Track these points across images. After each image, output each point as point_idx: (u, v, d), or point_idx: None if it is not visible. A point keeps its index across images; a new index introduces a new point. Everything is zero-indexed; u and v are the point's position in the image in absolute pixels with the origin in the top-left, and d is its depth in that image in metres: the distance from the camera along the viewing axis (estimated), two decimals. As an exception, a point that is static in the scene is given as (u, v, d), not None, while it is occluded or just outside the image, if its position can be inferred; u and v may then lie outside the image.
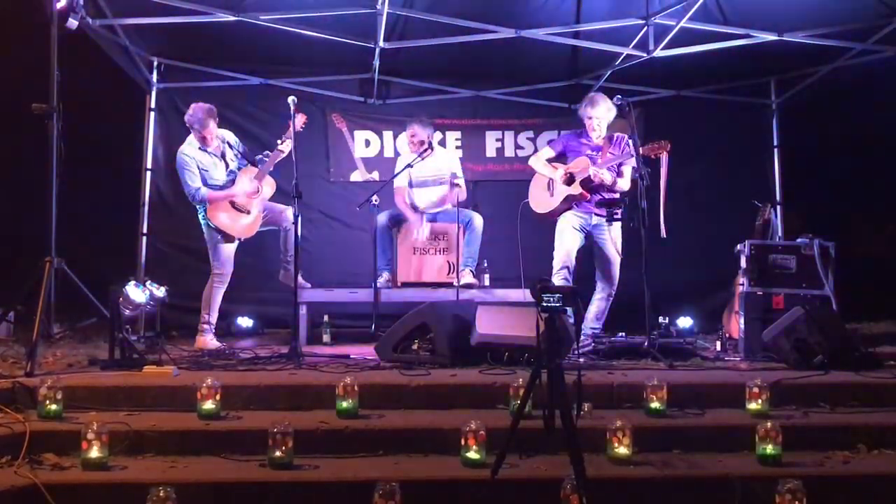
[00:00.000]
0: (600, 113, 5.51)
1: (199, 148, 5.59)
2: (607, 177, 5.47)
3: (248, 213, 5.61)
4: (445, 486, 3.19)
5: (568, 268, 5.49)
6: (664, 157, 5.16)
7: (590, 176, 5.46)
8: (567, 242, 5.53)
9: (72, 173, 4.55)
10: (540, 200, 5.75)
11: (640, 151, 5.09)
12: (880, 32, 5.98)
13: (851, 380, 4.17)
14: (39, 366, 4.20)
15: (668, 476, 3.25)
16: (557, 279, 5.44)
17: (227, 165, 5.69)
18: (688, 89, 7.33)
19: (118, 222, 7.22)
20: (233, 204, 5.59)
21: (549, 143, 6.00)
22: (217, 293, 5.57)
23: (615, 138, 5.65)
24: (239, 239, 5.64)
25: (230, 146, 5.75)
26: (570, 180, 5.55)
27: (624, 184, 5.57)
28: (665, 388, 3.77)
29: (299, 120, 5.48)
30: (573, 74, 7.15)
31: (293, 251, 5.25)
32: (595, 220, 5.57)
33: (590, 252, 5.65)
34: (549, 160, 5.74)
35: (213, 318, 5.57)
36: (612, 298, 5.54)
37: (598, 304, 5.56)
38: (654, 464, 3.34)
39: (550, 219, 5.66)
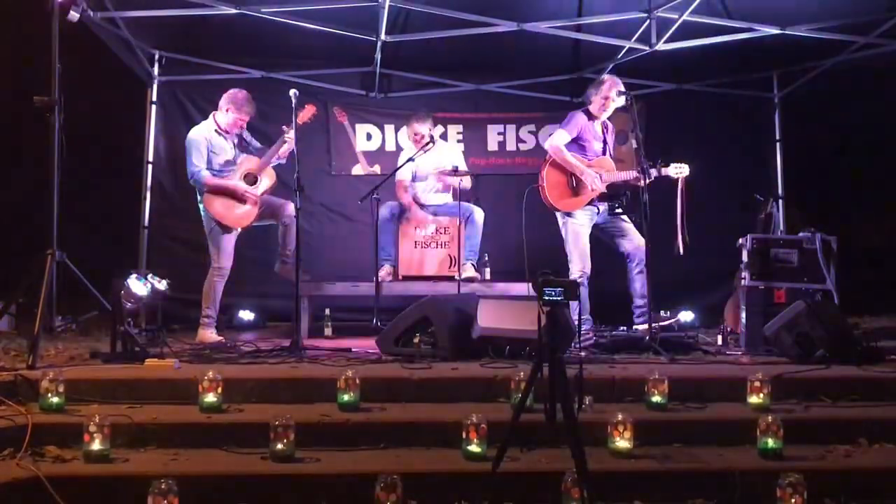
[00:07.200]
0: (616, 94, 5.45)
1: (216, 130, 5.57)
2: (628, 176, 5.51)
3: (244, 202, 5.55)
4: (447, 478, 3.19)
5: (586, 274, 5.41)
6: (681, 180, 5.31)
7: (627, 180, 5.44)
8: (584, 246, 5.47)
9: (73, 166, 4.55)
10: (557, 191, 5.53)
11: (662, 172, 5.23)
12: (883, 26, 5.97)
13: (853, 374, 4.16)
14: (41, 358, 4.20)
15: (669, 469, 3.25)
16: None
17: (229, 154, 5.66)
18: (690, 83, 7.32)
19: (120, 215, 7.23)
20: (230, 192, 5.55)
21: (563, 126, 5.61)
22: (217, 286, 5.52)
23: (605, 125, 5.67)
24: (236, 229, 5.58)
25: (240, 138, 5.74)
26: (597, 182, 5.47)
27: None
28: (666, 381, 3.76)
29: (308, 111, 5.47)
30: (575, 68, 7.14)
31: (293, 245, 5.22)
32: (602, 208, 5.56)
33: (599, 239, 5.62)
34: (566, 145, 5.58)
35: (214, 311, 5.54)
36: (647, 267, 5.26)
37: (638, 279, 5.40)
38: (655, 457, 3.34)
39: (561, 210, 5.56)
